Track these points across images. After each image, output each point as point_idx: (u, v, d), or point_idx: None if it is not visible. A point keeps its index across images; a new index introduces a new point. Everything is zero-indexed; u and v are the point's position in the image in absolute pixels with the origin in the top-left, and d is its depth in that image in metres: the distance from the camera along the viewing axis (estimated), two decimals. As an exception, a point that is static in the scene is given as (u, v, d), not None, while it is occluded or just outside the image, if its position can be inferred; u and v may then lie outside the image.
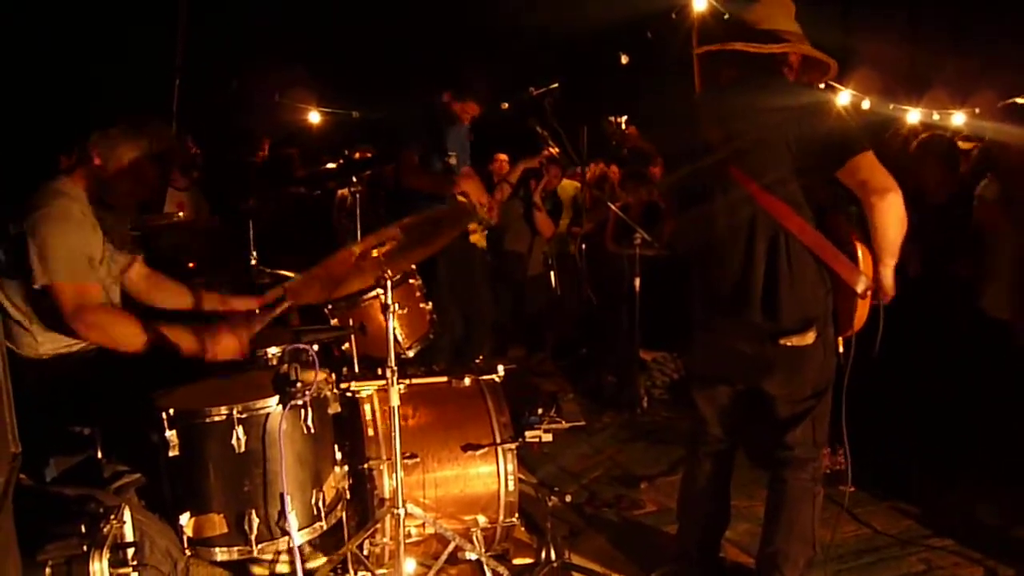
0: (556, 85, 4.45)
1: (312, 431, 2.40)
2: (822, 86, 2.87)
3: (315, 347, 2.53)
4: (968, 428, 3.79)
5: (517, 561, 3.06)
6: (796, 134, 2.44)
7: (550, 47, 8.08)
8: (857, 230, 2.52)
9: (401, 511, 2.65)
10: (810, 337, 2.53)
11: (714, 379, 2.82)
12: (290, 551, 2.39)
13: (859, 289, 2.46)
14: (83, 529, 1.84)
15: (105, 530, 1.85)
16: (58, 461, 2.66)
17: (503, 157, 6.43)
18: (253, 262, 3.87)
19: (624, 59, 5.94)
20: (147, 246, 3.22)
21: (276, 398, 2.34)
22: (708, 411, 2.85)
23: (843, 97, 7.86)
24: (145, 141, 2.78)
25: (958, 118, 7.86)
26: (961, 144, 4.77)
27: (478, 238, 4.97)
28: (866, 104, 8.09)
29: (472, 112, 4.26)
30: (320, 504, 2.43)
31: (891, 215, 2.40)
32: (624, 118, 5.12)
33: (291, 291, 2.81)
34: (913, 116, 8.14)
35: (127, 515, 1.99)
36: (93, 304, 2.63)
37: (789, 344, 2.53)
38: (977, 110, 7.63)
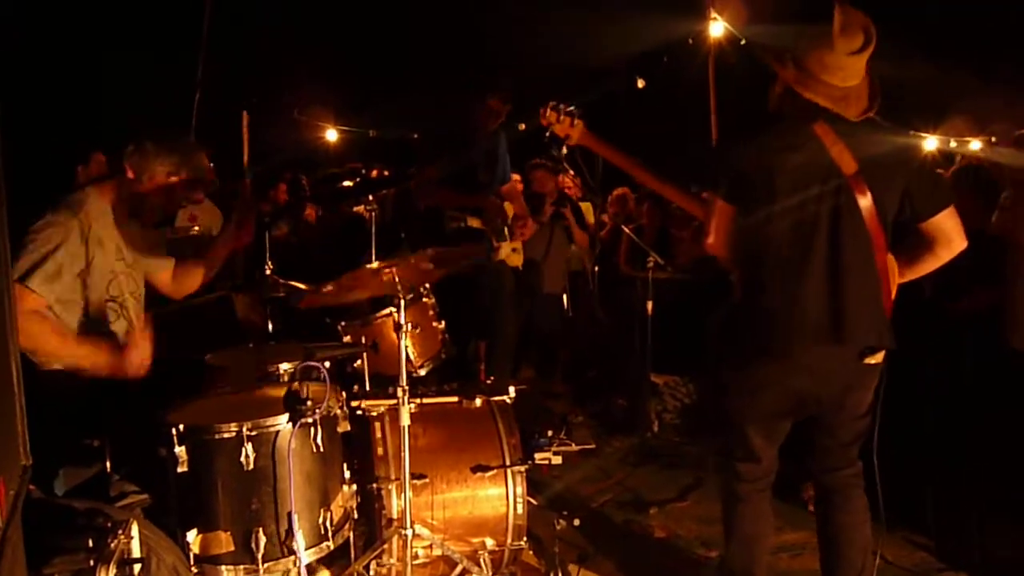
0: (573, 108, 4.47)
1: (321, 449, 2.40)
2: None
3: (327, 364, 2.52)
4: (983, 459, 3.74)
5: (524, 585, 3.04)
6: (908, 177, 2.50)
7: (569, 70, 8.12)
8: None
9: (409, 532, 2.63)
10: (882, 355, 2.54)
11: (783, 415, 2.67)
12: (298, 570, 2.38)
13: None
14: (90, 543, 1.83)
15: (112, 545, 1.84)
16: (67, 473, 2.66)
17: (516, 177, 6.45)
18: (268, 272, 3.88)
19: (641, 83, 5.96)
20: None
21: (286, 416, 2.34)
22: (766, 450, 2.69)
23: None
24: (178, 158, 2.83)
25: (975, 145, 7.83)
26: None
27: (510, 256, 4.74)
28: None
29: (496, 109, 4.24)
30: (328, 523, 2.41)
31: (942, 263, 2.56)
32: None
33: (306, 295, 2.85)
34: (930, 143, 8.12)
35: (135, 530, 1.98)
36: (24, 307, 2.58)
37: (871, 363, 2.52)
38: (994, 139, 7.60)
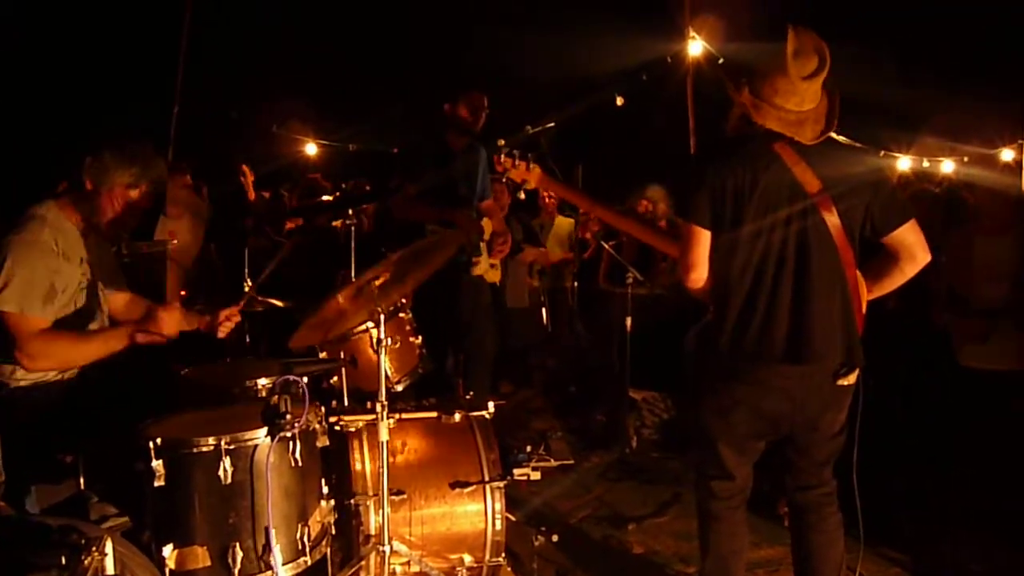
0: (552, 124, 4.50)
1: (300, 464, 2.38)
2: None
3: (305, 379, 2.51)
4: (957, 475, 3.79)
5: (503, 601, 3.02)
6: (869, 193, 2.51)
7: (548, 87, 8.19)
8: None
9: (387, 548, 2.62)
10: (855, 375, 2.55)
11: (756, 436, 2.67)
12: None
13: None
14: (63, 560, 1.80)
15: (86, 562, 1.81)
16: (40, 489, 2.62)
17: (498, 187, 6.47)
18: (247, 289, 3.86)
19: (620, 100, 6.02)
20: (139, 273, 3.21)
21: (264, 430, 2.32)
22: (740, 468, 2.70)
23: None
24: (138, 168, 2.78)
25: (947, 166, 7.97)
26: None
27: (488, 272, 4.74)
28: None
29: (473, 107, 4.24)
30: (305, 539, 2.39)
31: (908, 278, 2.58)
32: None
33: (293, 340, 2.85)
34: (903, 163, 8.26)
35: (109, 547, 1.96)
36: (31, 333, 2.59)
37: (844, 384, 2.54)
38: (966, 158, 7.75)
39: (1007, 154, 7.07)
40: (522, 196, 4.19)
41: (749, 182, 2.46)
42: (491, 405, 3.09)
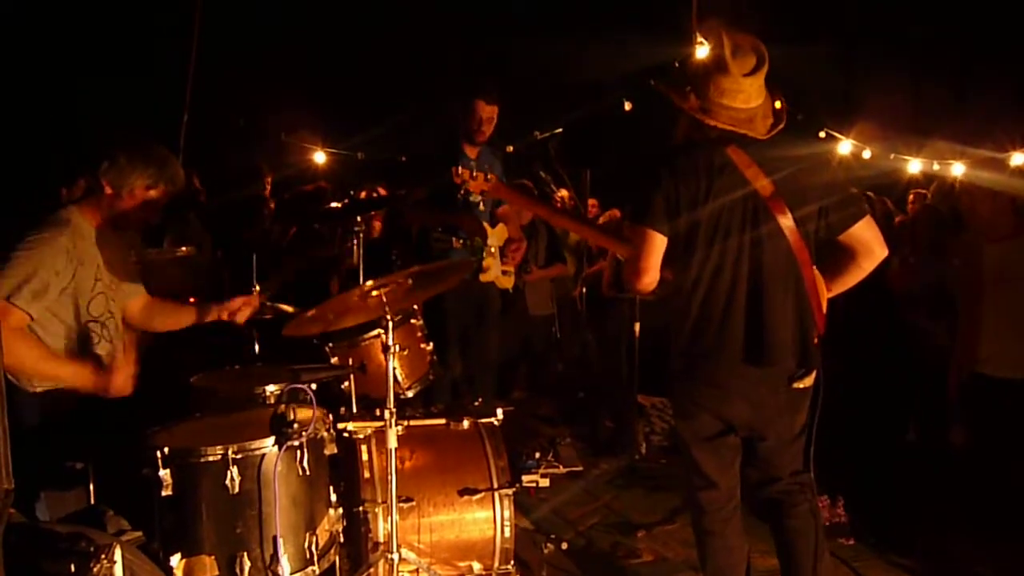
0: (560, 130, 4.50)
1: (308, 472, 2.38)
2: (823, 134, 2.89)
3: (313, 387, 2.51)
4: (969, 481, 3.76)
5: (512, 609, 3.01)
6: (820, 191, 2.51)
7: (556, 92, 8.20)
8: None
9: (395, 556, 2.61)
10: (812, 377, 2.55)
11: (720, 436, 2.67)
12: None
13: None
14: (73, 568, 1.81)
15: (95, 570, 1.82)
16: (49, 497, 2.63)
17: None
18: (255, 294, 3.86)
19: (628, 106, 6.02)
20: (148, 280, 3.22)
21: (272, 439, 2.32)
22: (721, 474, 2.68)
23: (844, 147, 7.95)
24: (154, 168, 2.80)
25: (958, 169, 7.93)
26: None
27: (500, 279, 4.62)
28: (867, 154, 8.17)
29: (483, 114, 4.23)
30: (313, 547, 2.39)
31: (867, 274, 2.59)
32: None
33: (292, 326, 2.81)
34: (914, 166, 8.22)
35: (117, 555, 1.96)
36: (7, 325, 2.54)
37: (801, 387, 2.54)
38: (970, 164, 7.71)
39: (1018, 158, 7.03)
40: (480, 207, 4.24)
41: (704, 187, 2.48)
42: (500, 412, 3.08)
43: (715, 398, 2.60)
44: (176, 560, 2.24)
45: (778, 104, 2.59)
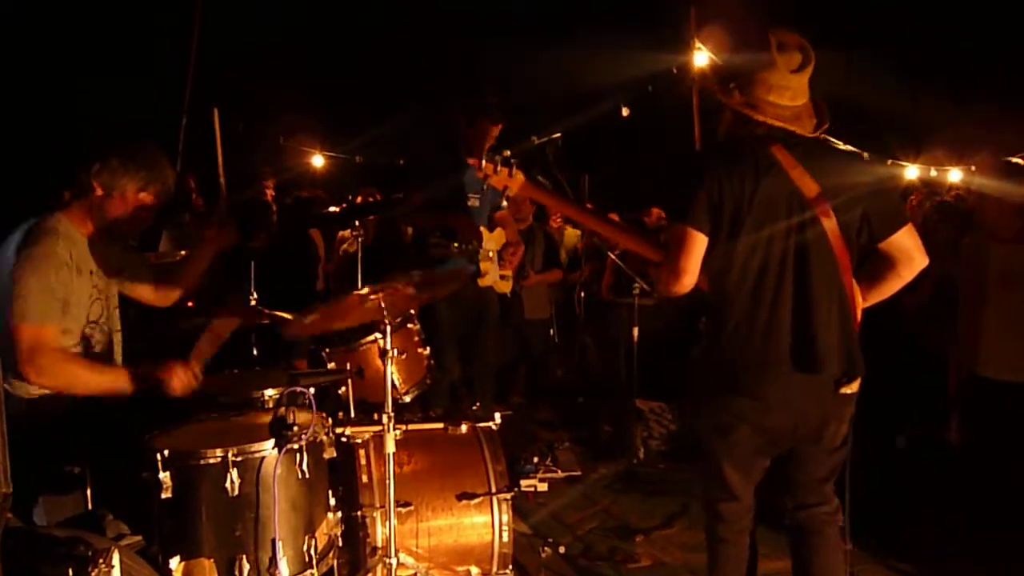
0: (558, 135, 4.50)
1: (307, 476, 2.38)
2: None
3: (312, 390, 2.51)
4: (968, 485, 3.76)
5: (509, 614, 3.01)
6: (866, 198, 2.47)
7: (554, 98, 8.22)
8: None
9: (393, 560, 2.61)
10: (857, 383, 2.49)
11: (759, 453, 2.58)
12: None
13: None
14: (71, 573, 1.80)
15: (93, 574, 1.82)
16: (47, 501, 2.62)
17: (519, 200, 6.47)
18: (253, 302, 3.86)
19: (625, 111, 6.03)
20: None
21: (272, 441, 2.32)
22: (745, 488, 2.62)
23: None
24: (146, 171, 2.78)
25: (955, 175, 7.96)
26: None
27: (498, 283, 4.61)
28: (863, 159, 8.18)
29: (488, 133, 4.24)
30: (312, 551, 2.38)
31: (905, 283, 2.54)
32: None
33: (291, 324, 2.82)
34: (911, 172, 8.25)
35: (116, 559, 1.95)
36: (47, 347, 2.57)
37: (847, 392, 2.47)
38: (973, 167, 7.73)
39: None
40: (504, 203, 4.16)
41: (749, 188, 2.41)
42: (498, 416, 3.08)
43: (757, 410, 2.47)
44: (175, 563, 2.24)
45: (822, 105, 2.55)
